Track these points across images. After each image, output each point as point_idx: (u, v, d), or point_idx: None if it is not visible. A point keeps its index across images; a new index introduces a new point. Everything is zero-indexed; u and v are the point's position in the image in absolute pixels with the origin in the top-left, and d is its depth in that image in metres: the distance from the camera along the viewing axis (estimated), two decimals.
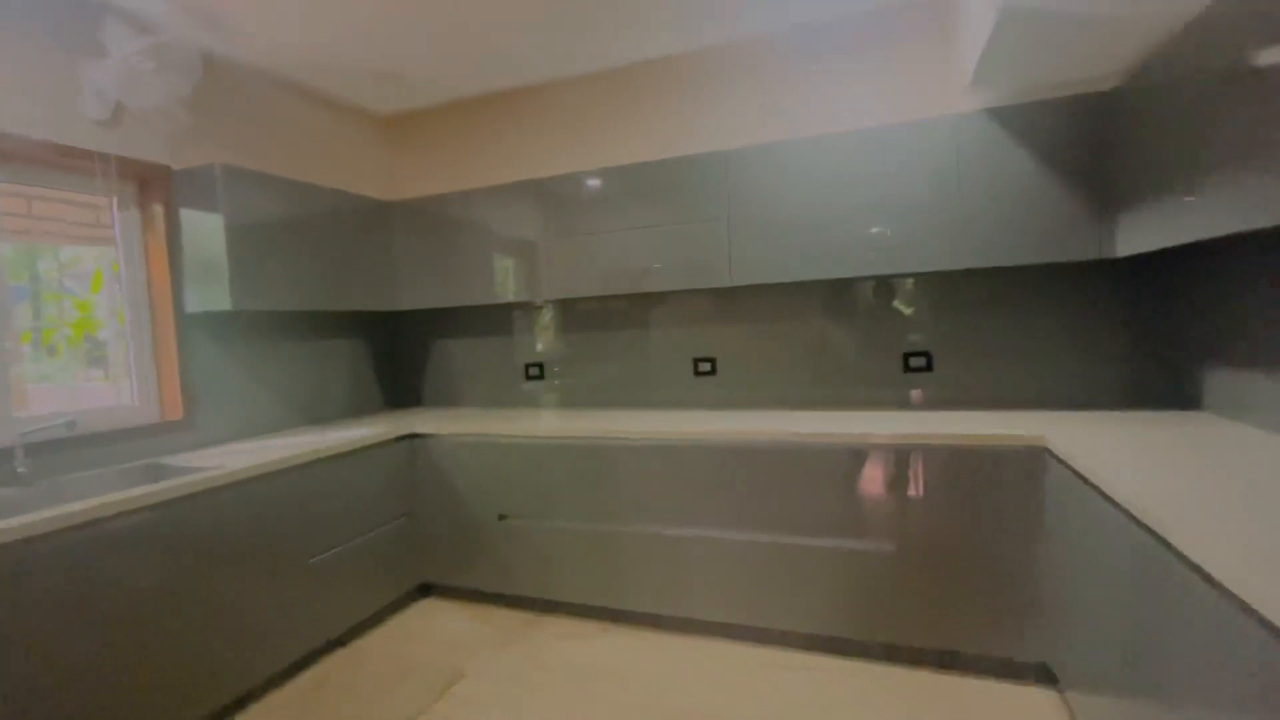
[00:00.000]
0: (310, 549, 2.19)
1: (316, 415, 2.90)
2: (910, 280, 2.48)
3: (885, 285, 2.52)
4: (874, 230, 2.21)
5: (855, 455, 2.06)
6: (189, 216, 2.31)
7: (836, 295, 2.58)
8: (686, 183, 2.46)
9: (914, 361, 2.49)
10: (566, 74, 2.86)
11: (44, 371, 2.10)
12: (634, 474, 2.33)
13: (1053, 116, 2.01)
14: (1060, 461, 1.74)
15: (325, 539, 2.25)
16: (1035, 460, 1.87)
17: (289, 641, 2.10)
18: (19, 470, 1.83)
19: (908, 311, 2.49)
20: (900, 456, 2.01)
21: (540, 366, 3.08)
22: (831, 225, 2.26)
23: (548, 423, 2.57)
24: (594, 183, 2.62)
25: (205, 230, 2.28)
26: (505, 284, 2.79)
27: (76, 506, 1.57)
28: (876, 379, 2.53)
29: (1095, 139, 1.97)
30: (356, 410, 3.12)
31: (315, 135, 2.92)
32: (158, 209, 2.30)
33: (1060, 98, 2.01)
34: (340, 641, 2.37)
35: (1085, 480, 1.55)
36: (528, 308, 3.09)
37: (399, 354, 3.37)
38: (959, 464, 1.94)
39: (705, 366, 2.78)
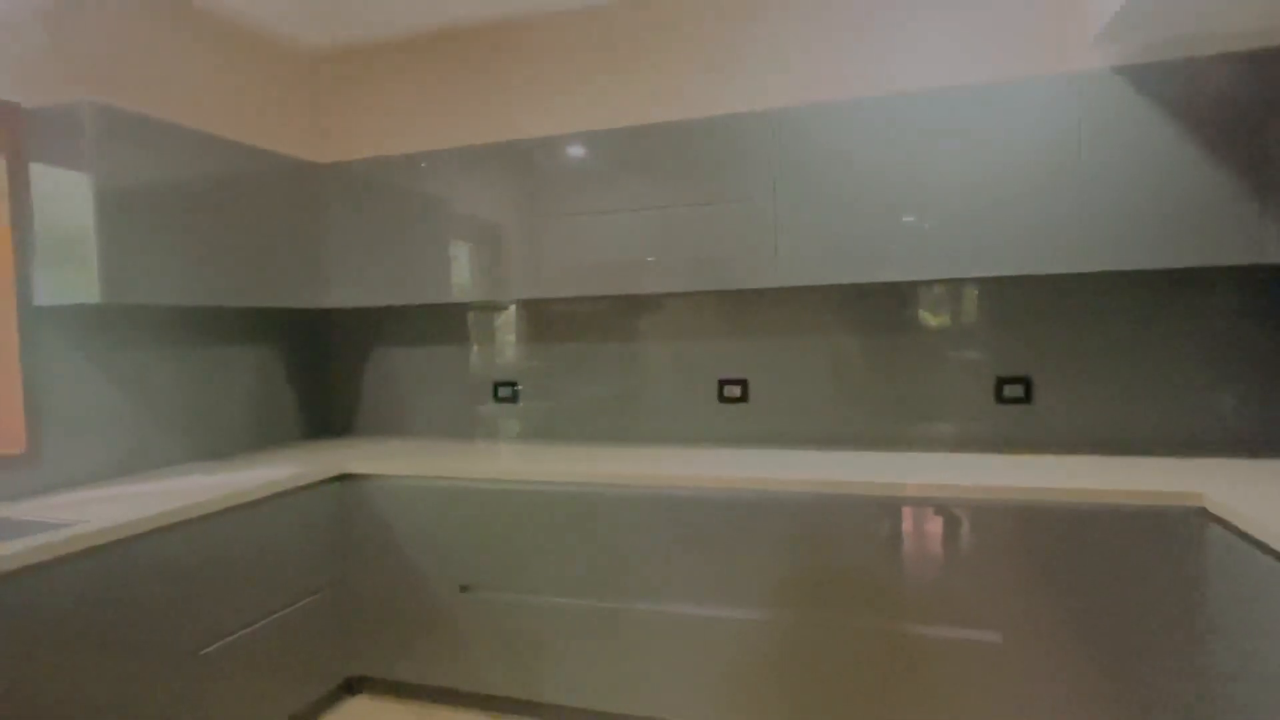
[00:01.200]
0: (200, 636, 1.97)
1: (211, 447, 2.67)
2: (1006, 285, 2.35)
3: (971, 290, 2.39)
4: (966, 220, 2.08)
5: (937, 513, 1.90)
6: (42, 174, 2.07)
7: (907, 301, 2.46)
8: (715, 152, 2.31)
9: (1009, 390, 2.35)
10: (554, 4, 2.69)
11: None
12: (643, 533, 2.15)
13: (1208, 78, 1.91)
14: (1226, 526, 1.61)
15: (221, 622, 2.03)
16: (1187, 524, 1.74)
17: None
18: None
19: (1001, 326, 2.36)
20: (999, 517, 1.86)
21: (513, 386, 2.88)
22: (912, 211, 2.13)
23: (525, 462, 2.38)
24: (587, 149, 2.45)
25: (65, 193, 2.05)
26: (467, 278, 2.62)
27: None
28: (959, 411, 2.40)
29: (1266, 108, 1.87)
30: (266, 440, 2.91)
31: (220, 72, 2.70)
32: None
33: (1220, 54, 1.91)
34: None
35: (1268, 550, 1.42)
36: (497, 310, 2.90)
37: (325, 366, 3.18)
38: (1082, 528, 1.81)
39: (734, 391, 2.62)
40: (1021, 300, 2.35)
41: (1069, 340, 2.31)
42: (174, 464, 2.52)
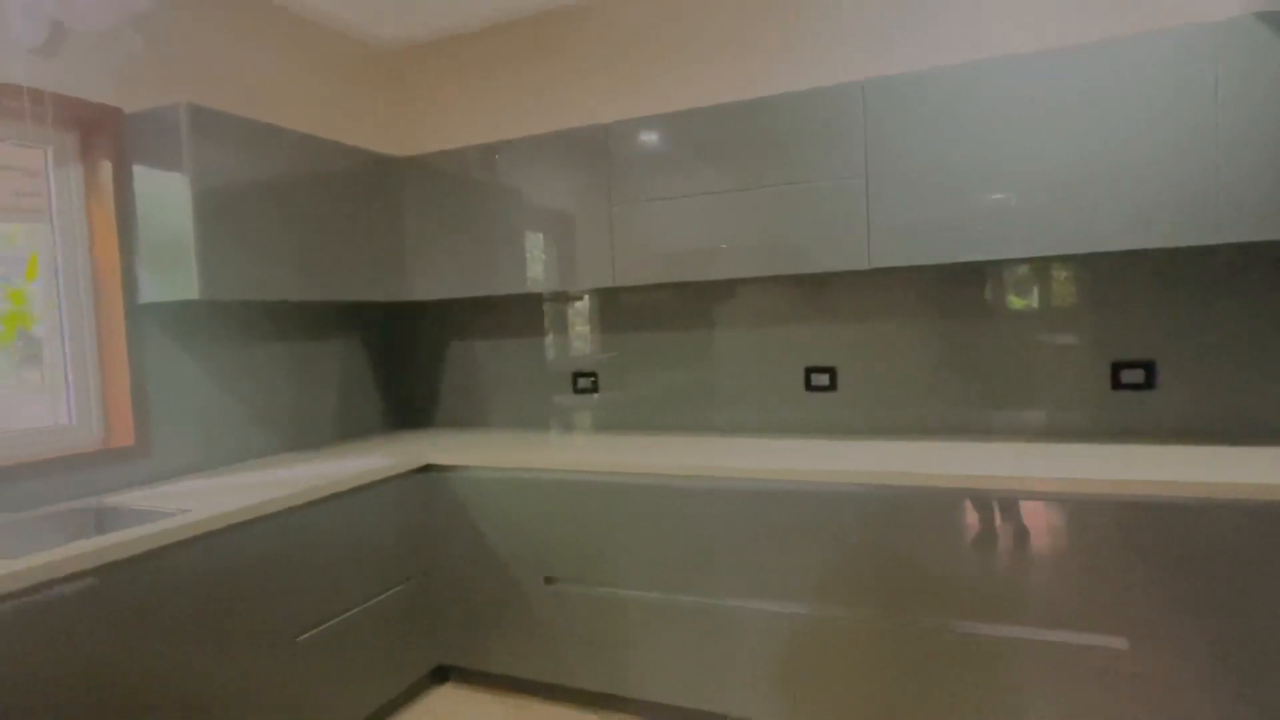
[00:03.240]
0: (298, 623, 2.04)
1: (303, 438, 2.77)
2: (1121, 262, 2.19)
3: (1082, 269, 2.24)
4: (1079, 192, 1.94)
5: (1055, 508, 1.79)
6: (144, 176, 2.17)
7: (1007, 282, 2.33)
8: (798, 129, 2.24)
9: (1128, 375, 2.20)
10: None
11: None
12: (728, 527, 2.11)
13: None
14: None
15: (317, 609, 2.10)
16: None
17: None
18: None
19: (1116, 306, 2.20)
20: (1124, 512, 1.73)
21: (592, 377, 2.88)
22: (1017, 185, 2.00)
23: (607, 453, 2.37)
24: (662, 132, 2.41)
25: (164, 194, 2.14)
26: (542, 268, 2.63)
27: None
28: (1069, 399, 2.26)
29: None
30: (352, 432, 3.00)
31: (302, 70, 2.78)
32: (105, 166, 2.17)
33: None
34: None
35: None
36: (573, 300, 2.90)
37: (406, 358, 3.25)
38: (1217, 524, 1.67)
39: (822, 379, 2.54)
40: (1140, 278, 2.18)
41: (1196, 320, 2.13)
42: (267, 455, 2.62)
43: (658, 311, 2.77)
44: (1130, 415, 2.21)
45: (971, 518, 1.88)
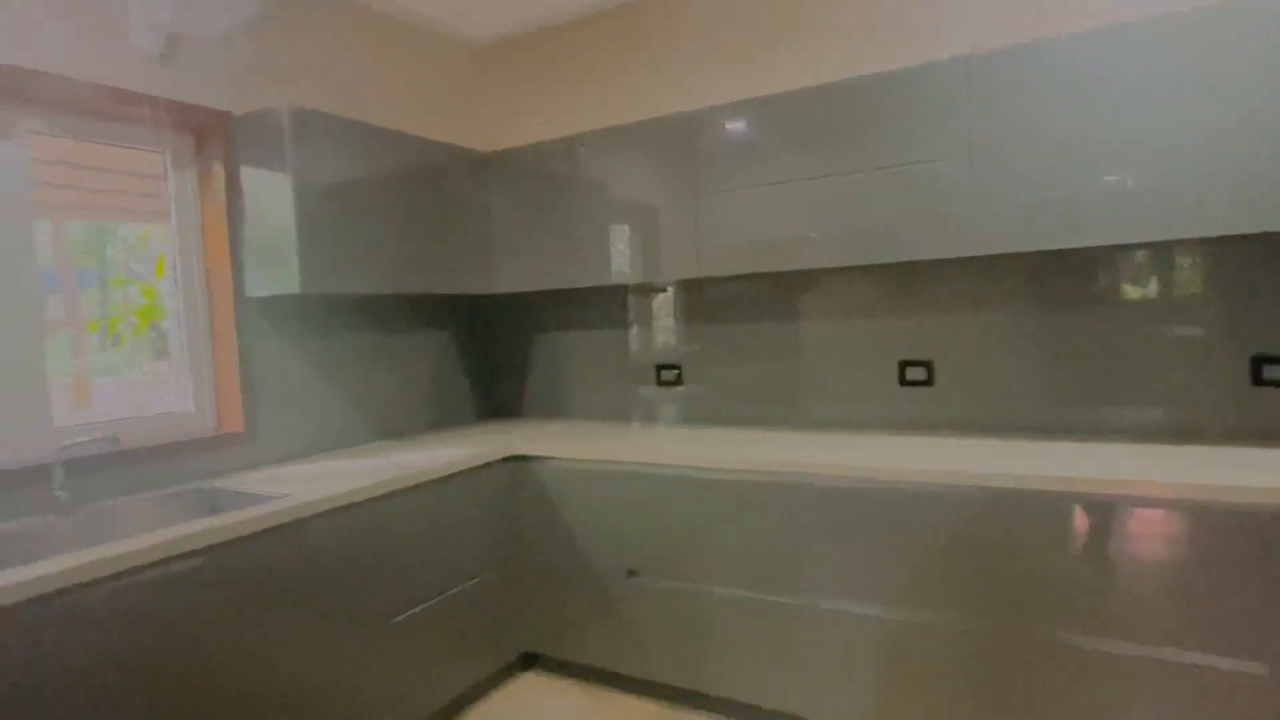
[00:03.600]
0: (391, 605, 2.11)
1: (395, 427, 2.87)
2: (1263, 243, 1.98)
3: (1214, 252, 2.04)
4: (1210, 168, 1.76)
5: (1183, 517, 1.64)
6: (251, 176, 2.28)
7: (1124, 268, 2.14)
8: (893, 110, 2.13)
9: (1270, 371, 1.99)
10: None
11: (108, 364, 2.16)
12: (817, 525, 2.04)
13: None
14: None
15: (409, 593, 2.16)
16: None
17: None
18: (57, 494, 1.84)
19: (1259, 293, 1.99)
20: (1267, 524, 1.56)
21: (676, 369, 2.85)
22: (1139, 163, 1.83)
23: (692, 447, 2.34)
24: (746, 118, 2.34)
25: (270, 193, 2.24)
26: (626, 260, 2.62)
27: (120, 549, 1.52)
28: (1200, 396, 2.07)
29: None
30: (443, 421, 3.08)
31: (393, 69, 2.86)
32: (216, 168, 2.29)
33: None
34: None
35: None
36: (657, 291, 2.87)
37: (493, 350, 3.32)
38: None
39: (918, 373, 2.42)
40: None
41: None
42: (363, 442, 2.72)
43: (743, 302, 2.71)
44: (1273, 414, 2.00)
45: (1082, 523, 1.74)
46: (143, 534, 1.62)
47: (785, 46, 2.57)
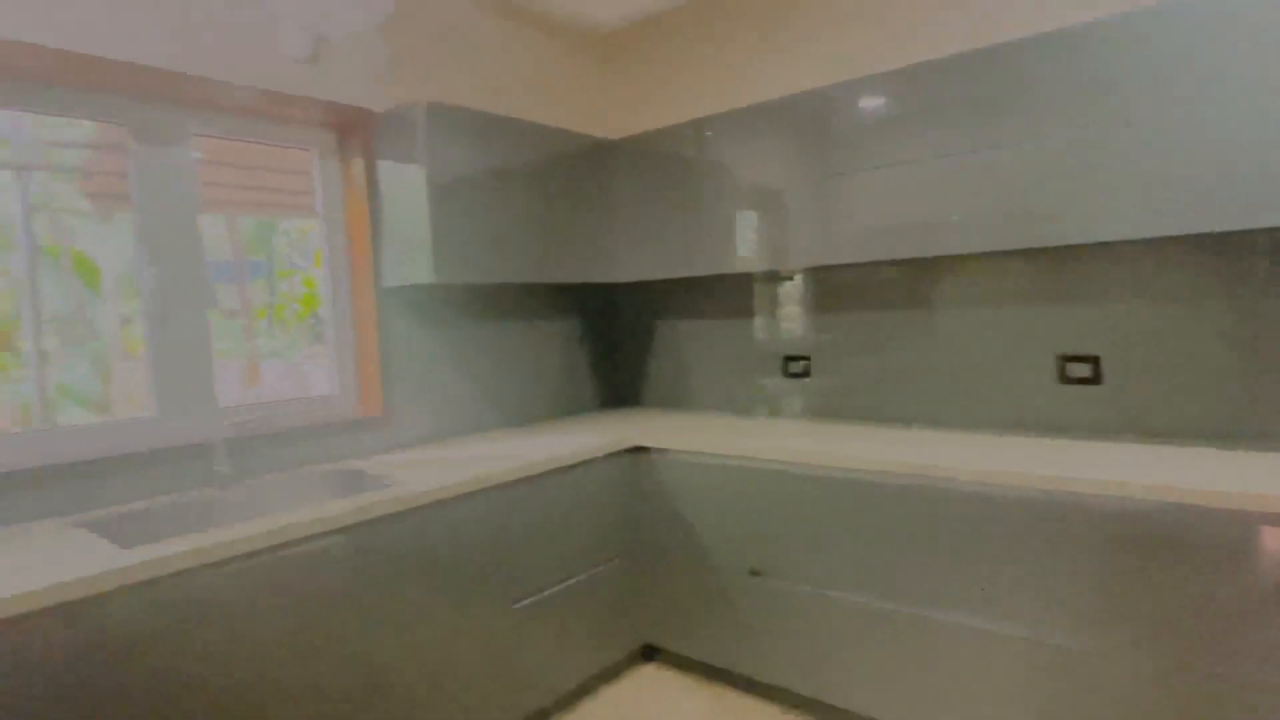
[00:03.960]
0: (515, 590, 2.14)
1: (521, 415, 2.92)
2: None
3: None
4: None
5: None
6: (389, 171, 2.37)
7: None
8: (1044, 76, 1.91)
9: None
10: None
11: (275, 348, 2.33)
12: (956, 533, 1.88)
13: None
14: None
15: (531, 579, 2.19)
16: None
17: (491, 709, 2.06)
18: (219, 469, 1.99)
19: None
20: None
21: (804, 361, 2.73)
22: None
23: (821, 443, 2.23)
24: (880, 94, 2.17)
25: (405, 186, 2.32)
26: (752, 247, 2.53)
27: (271, 524, 1.62)
28: None
29: None
30: (566, 409, 3.12)
31: (526, 61, 2.90)
32: (358, 163, 2.40)
33: None
34: (550, 712, 2.31)
35: None
36: (785, 279, 2.76)
37: (616, 339, 3.32)
38: None
39: (1081, 369, 2.18)
40: None
41: None
42: (491, 429, 2.79)
43: (878, 290, 2.55)
44: None
45: (1276, 549, 1.50)
46: (291, 510, 1.73)
47: (920, 14, 2.37)
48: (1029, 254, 2.23)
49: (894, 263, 2.46)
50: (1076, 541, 1.72)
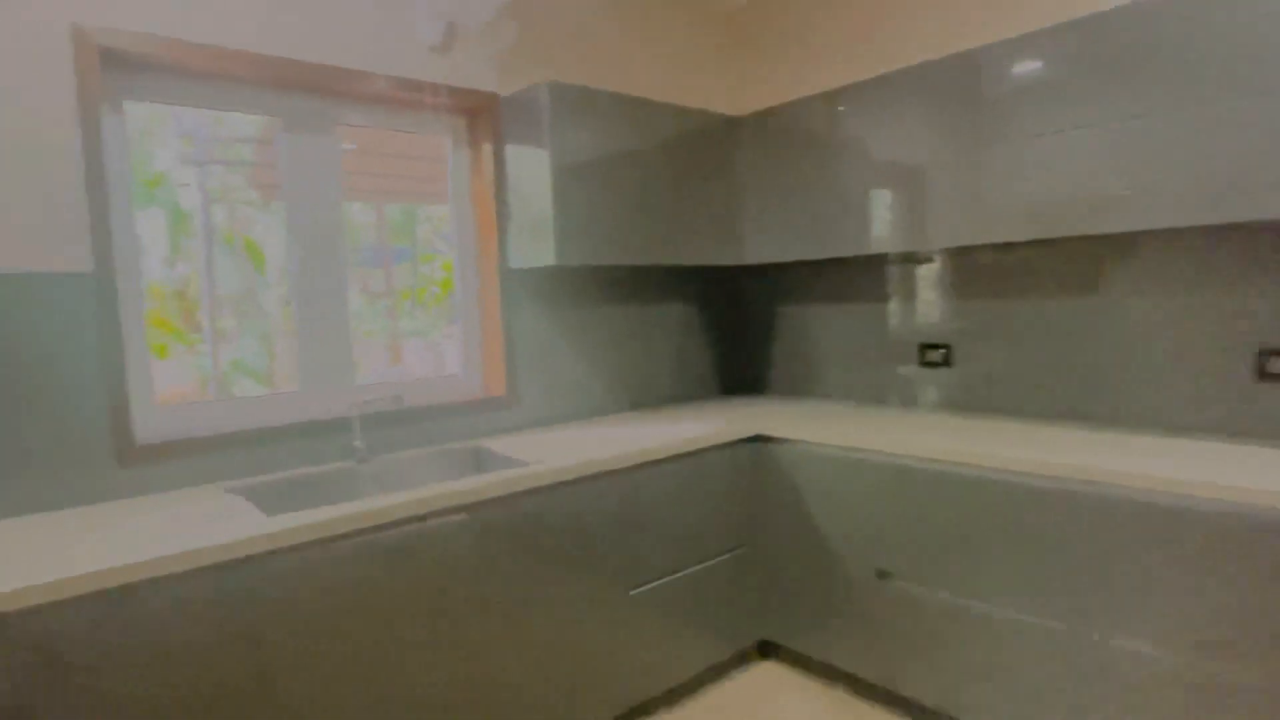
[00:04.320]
0: (632, 577, 2.13)
1: (640, 400, 2.91)
2: None
3: None
4: None
5: None
6: (515, 154, 2.40)
7: None
8: (1244, 22, 1.62)
9: None
10: None
11: (417, 328, 2.45)
12: (1132, 547, 1.68)
13: None
14: None
15: (650, 566, 2.17)
16: None
17: (603, 694, 2.07)
18: (356, 444, 2.09)
19: None
20: None
21: (944, 349, 2.54)
22: None
23: (964, 438, 2.06)
24: (1039, 51, 1.94)
25: (530, 168, 2.34)
26: (888, 226, 2.37)
27: (404, 498, 1.68)
28: None
29: None
30: (686, 395, 3.08)
31: (650, 38, 2.85)
32: (486, 147, 2.44)
33: None
34: (660, 704, 2.28)
35: None
36: (922, 261, 2.57)
37: (739, 323, 3.25)
38: None
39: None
40: None
41: None
42: (611, 413, 2.79)
43: (1030, 272, 2.32)
44: None
45: None
46: (421, 486, 1.80)
47: None
48: (1219, 232, 1.95)
49: (1052, 242, 2.22)
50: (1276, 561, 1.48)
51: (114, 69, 1.83)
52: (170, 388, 2.03)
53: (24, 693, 1.24)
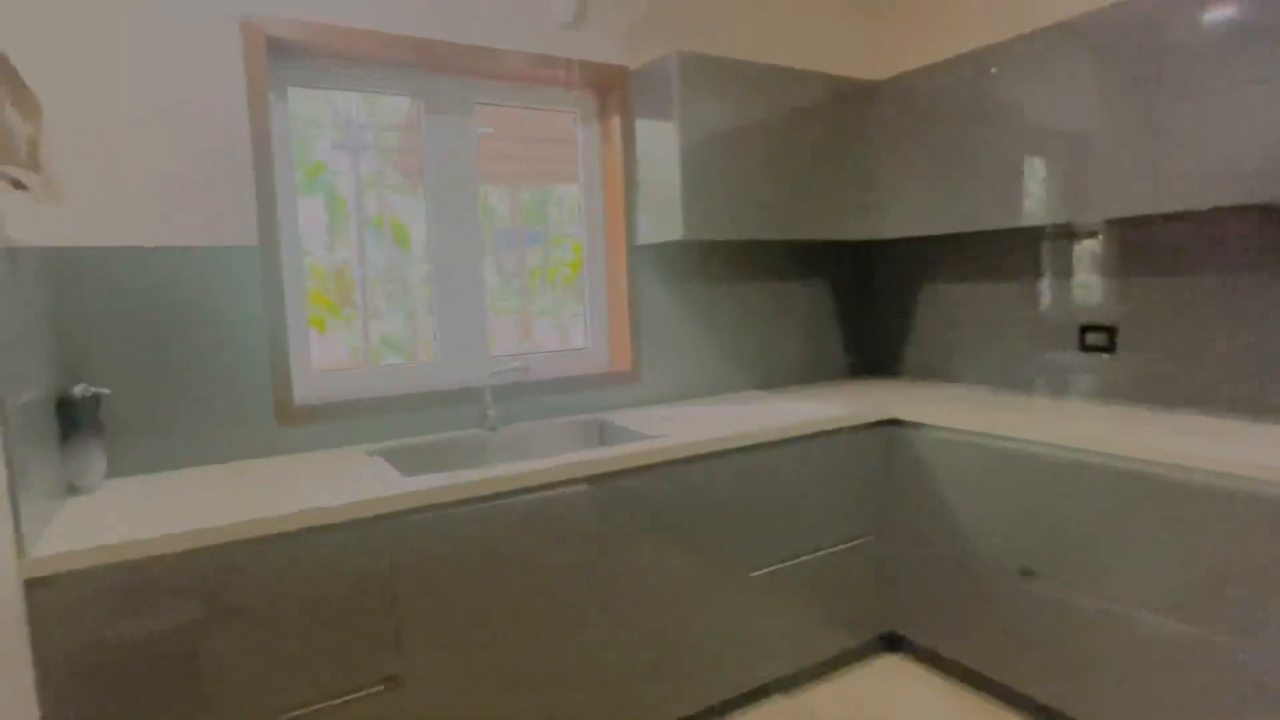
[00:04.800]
0: (752, 558, 2.10)
1: (766, 378, 2.86)
2: None
3: None
4: None
5: None
6: (643, 127, 2.40)
7: None
8: None
9: None
10: None
11: (546, 306, 2.53)
12: None
13: None
14: None
15: (772, 548, 2.14)
16: None
17: (717, 674, 2.06)
18: (488, 413, 2.18)
19: None
20: None
21: (1109, 331, 2.30)
22: None
23: (1128, 430, 1.87)
24: None
25: (658, 141, 2.33)
26: (1042, 196, 2.17)
27: (532, 466, 1.74)
28: None
29: None
30: (814, 375, 3.00)
31: (781, 3, 2.74)
32: (615, 122, 2.44)
33: None
34: (776, 689, 2.25)
35: None
36: (1082, 235, 2.35)
37: (872, 301, 3.11)
38: None
39: None
40: None
41: None
42: (736, 391, 2.76)
43: (1214, 246, 2.05)
44: None
45: None
46: (549, 456, 1.86)
47: None
48: None
49: (1242, 210, 1.94)
50: None
51: (278, 56, 1.97)
52: (327, 360, 2.19)
53: (186, 634, 1.37)
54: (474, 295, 2.33)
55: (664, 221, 2.33)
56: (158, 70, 1.76)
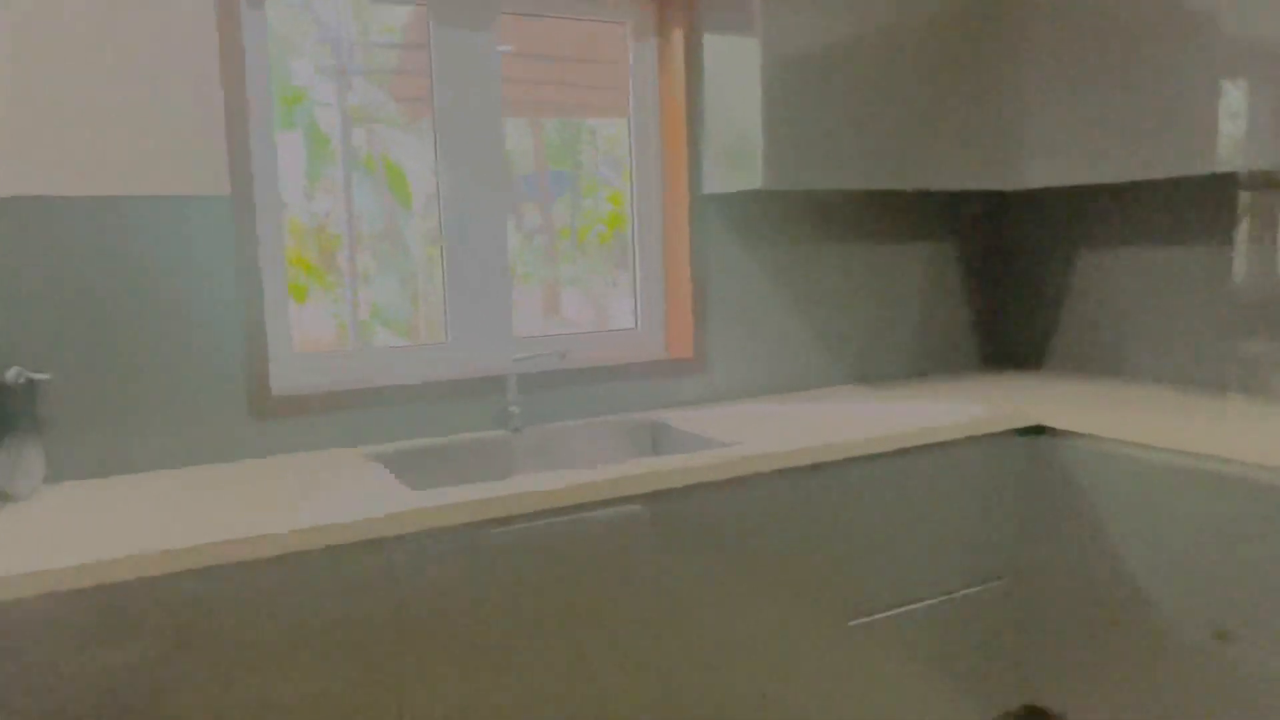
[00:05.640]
0: (851, 603, 2.09)
1: (871, 370, 2.86)
2: None
3: None
4: None
5: None
6: (714, 46, 2.39)
7: None
8: None
9: None
10: None
11: (576, 273, 2.51)
12: None
13: None
14: None
15: (875, 592, 2.12)
16: None
17: None
18: (511, 409, 2.19)
19: None
20: None
21: None
22: None
23: None
24: None
25: (734, 65, 2.31)
26: (1245, 132, 2.12)
27: (563, 482, 1.72)
28: None
29: None
30: (934, 367, 3.00)
31: None
32: (677, 38, 2.44)
33: None
34: None
35: None
36: None
37: (1009, 272, 3.09)
38: None
39: None
40: None
41: None
42: (829, 385, 2.76)
43: None
44: None
45: None
46: (589, 467, 1.84)
47: None
48: None
49: None
50: None
51: None
52: (307, 335, 2.20)
53: (152, 666, 1.38)
54: (497, 261, 2.33)
55: (738, 167, 2.33)
56: None
